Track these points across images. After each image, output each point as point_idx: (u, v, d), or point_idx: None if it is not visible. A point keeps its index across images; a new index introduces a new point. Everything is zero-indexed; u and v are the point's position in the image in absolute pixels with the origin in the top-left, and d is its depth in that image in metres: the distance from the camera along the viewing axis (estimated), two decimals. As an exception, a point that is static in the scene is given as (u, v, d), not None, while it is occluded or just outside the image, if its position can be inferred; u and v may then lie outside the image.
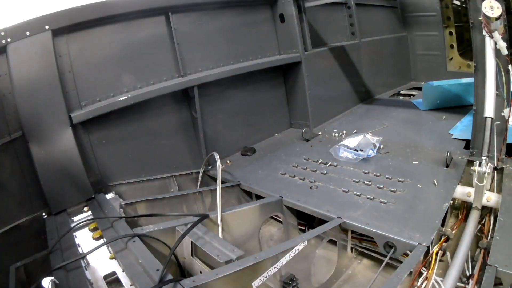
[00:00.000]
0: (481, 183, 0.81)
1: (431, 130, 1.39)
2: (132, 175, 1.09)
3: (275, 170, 1.16)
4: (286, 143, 1.41)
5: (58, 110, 0.93)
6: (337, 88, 1.71)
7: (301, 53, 1.47)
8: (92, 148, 1.03)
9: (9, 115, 0.89)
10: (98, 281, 0.73)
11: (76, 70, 0.97)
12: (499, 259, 0.63)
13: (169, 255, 0.63)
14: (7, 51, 0.85)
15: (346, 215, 0.84)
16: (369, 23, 1.62)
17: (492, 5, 0.78)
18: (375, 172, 1.05)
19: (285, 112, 1.62)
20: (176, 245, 0.69)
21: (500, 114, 0.92)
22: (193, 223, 0.80)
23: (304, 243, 0.72)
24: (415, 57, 2.19)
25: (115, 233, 0.79)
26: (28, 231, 0.91)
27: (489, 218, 0.84)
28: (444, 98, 1.56)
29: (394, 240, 0.74)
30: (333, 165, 1.14)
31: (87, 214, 0.93)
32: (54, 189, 0.94)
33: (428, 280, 0.66)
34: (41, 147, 0.91)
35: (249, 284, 0.63)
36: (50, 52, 0.90)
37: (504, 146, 0.95)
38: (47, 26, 0.89)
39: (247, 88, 1.42)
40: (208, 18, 1.26)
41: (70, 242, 0.81)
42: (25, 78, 0.88)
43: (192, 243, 0.86)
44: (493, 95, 0.90)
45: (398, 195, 0.92)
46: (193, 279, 0.59)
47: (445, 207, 0.83)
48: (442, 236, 0.77)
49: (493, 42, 0.87)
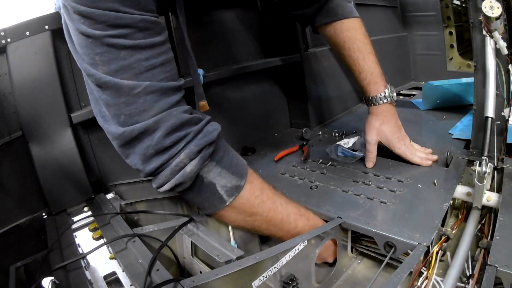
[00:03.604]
0: (481, 183, 0.81)
1: (431, 130, 1.39)
2: (132, 175, 1.08)
3: (275, 169, 1.16)
4: (286, 143, 1.41)
5: (58, 110, 0.93)
6: (337, 88, 1.71)
7: (301, 53, 1.47)
8: (92, 148, 1.03)
9: (9, 115, 0.89)
10: (98, 281, 0.73)
11: (76, 70, 0.96)
12: (499, 259, 0.63)
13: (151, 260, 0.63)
14: (7, 51, 0.85)
15: (346, 215, 0.84)
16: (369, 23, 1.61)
17: (492, 5, 0.78)
18: (375, 172, 1.05)
19: (285, 112, 1.62)
20: (158, 250, 0.70)
21: (500, 114, 0.92)
22: (177, 227, 0.81)
23: (304, 243, 0.72)
24: (415, 57, 2.19)
25: (115, 233, 0.79)
26: (28, 231, 0.91)
27: (489, 218, 0.84)
28: (444, 98, 1.56)
29: (394, 240, 0.74)
30: (333, 165, 1.14)
31: (87, 214, 0.93)
32: (54, 189, 0.94)
33: (428, 280, 0.65)
34: (41, 147, 0.91)
35: (249, 284, 0.63)
36: (50, 52, 0.90)
37: (504, 146, 0.95)
38: (47, 26, 0.89)
39: (247, 88, 1.43)
40: (208, 18, 1.26)
41: (70, 242, 0.81)
42: (25, 78, 0.87)
43: (192, 243, 0.86)
44: (493, 95, 0.90)
45: (398, 195, 0.92)
46: (193, 279, 0.59)
47: (445, 207, 0.83)
48: (442, 236, 0.77)
49: (493, 42, 0.87)
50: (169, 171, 0.64)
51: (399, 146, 1.07)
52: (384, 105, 1.09)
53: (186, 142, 0.65)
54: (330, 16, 1.11)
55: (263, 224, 0.77)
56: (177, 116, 0.65)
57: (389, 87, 1.09)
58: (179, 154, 0.65)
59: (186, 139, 0.65)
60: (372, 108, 1.11)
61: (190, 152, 0.65)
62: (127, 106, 0.61)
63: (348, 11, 1.11)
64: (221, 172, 0.71)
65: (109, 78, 0.59)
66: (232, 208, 0.73)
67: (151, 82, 0.62)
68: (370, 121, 1.11)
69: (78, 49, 0.62)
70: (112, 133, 0.63)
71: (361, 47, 1.10)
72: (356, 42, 1.10)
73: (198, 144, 0.66)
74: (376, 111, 1.10)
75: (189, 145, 0.66)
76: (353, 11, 1.13)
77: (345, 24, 1.11)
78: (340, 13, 1.10)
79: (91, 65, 0.60)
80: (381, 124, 1.08)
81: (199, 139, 0.67)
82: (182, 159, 0.65)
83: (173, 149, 0.64)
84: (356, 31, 1.11)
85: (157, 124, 0.62)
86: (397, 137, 1.07)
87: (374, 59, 1.11)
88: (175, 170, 0.64)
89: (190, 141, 0.66)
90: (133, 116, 0.61)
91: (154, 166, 0.64)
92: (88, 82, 0.64)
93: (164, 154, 0.64)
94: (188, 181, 0.67)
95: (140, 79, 0.61)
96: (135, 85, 0.60)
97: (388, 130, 1.08)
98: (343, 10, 1.11)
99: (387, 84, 1.10)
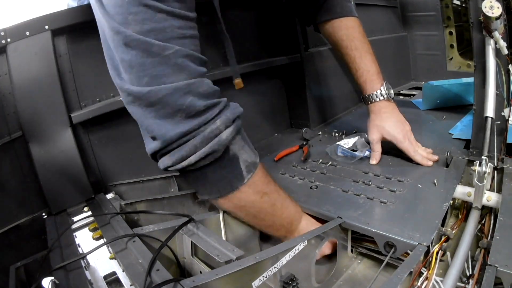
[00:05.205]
0: (481, 183, 0.81)
1: (431, 130, 1.39)
2: (132, 175, 1.08)
3: (275, 169, 1.16)
4: (286, 143, 1.40)
5: (58, 110, 0.92)
6: (337, 88, 1.71)
7: (301, 53, 1.47)
8: (92, 148, 1.03)
9: (9, 115, 0.88)
10: (98, 281, 0.73)
11: (76, 70, 0.96)
12: (499, 259, 0.63)
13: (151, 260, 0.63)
14: (7, 51, 0.85)
15: (346, 215, 0.84)
16: (369, 23, 1.61)
17: (492, 5, 0.78)
18: (375, 172, 1.05)
19: (285, 112, 1.62)
20: (158, 250, 0.69)
21: (500, 114, 0.92)
22: (177, 227, 0.80)
23: (304, 243, 0.72)
24: (415, 57, 2.19)
25: (115, 233, 0.79)
26: (28, 231, 0.90)
27: (489, 218, 0.84)
28: (444, 98, 1.56)
29: (394, 240, 0.74)
30: (333, 165, 1.14)
31: (87, 214, 0.93)
32: (54, 189, 0.94)
33: (428, 280, 0.65)
34: (41, 147, 0.91)
35: (249, 284, 0.63)
36: (50, 52, 0.89)
37: (504, 146, 0.95)
38: (47, 26, 0.89)
39: (247, 88, 1.42)
40: (208, 19, 1.26)
41: (70, 242, 0.80)
42: (25, 78, 0.87)
43: (192, 243, 0.86)
44: (493, 94, 0.90)
45: (398, 195, 0.92)
46: (193, 279, 0.59)
47: (445, 207, 0.83)
48: (442, 236, 0.77)
49: (493, 42, 0.87)
50: (200, 139, 0.61)
51: (403, 141, 1.07)
52: (381, 102, 1.09)
53: (220, 109, 0.64)
54: (329, 14, 1.13)
55: (269, 207, 0.77)
56: (209, 85, 0.64)
57: (385, 85, 1.09)
58: (214, 119, 0.62)
59: (219, 106, 0.64)
60: (371, 106, 1.12)
61: (227, 119, 0.64)
62: (154, 67, 0.58)
63: (347, 10, 1.13)
64: (244, 146, 0.70)
65: (140, 37, 0.57)
66: (247, 187, 0.71)
67: (182, 48, 0.61)
68: (371, 119, 1.12)
69: (110, 9, 0.60)
70: (134, 92, 0.59)
71: (358, 46, 1.11)
72: (354, 41, 1.11)
73: (233, 113, 0.66)
74: (375, 109, 1.11)
75: (224, 112, 0.65)
76: (352, 11, 1.14)
77: (343, 23, 1.12)
78: (338, 12, 1.12)
79: (122, 24, 0.58)
80: (381, 121, 1.09)
81: (233, 108, 0.67)
82: (218, 126, 0.62)
83: (207, 114, 0.62)
84: (354, 30, 1.12)
85: (190, 87, 0.60)
86: (401, 131, 1.07)
87: (371, 57, 1.11)
88: (209, 137, 0.61)
89: (223, 109, 0.65)
90: (160, 77, 0.59)
91: (182, 131, 0.60)
92: (111, 45, 0.62)
93: (197, 118, 0.61)
94: (221, 149, 0.64)
95: (172, 43, 0.60)
96: (167, 47, 0.58)
97: (390, 126, 1.08)
98: (342, 9, 1.12)
99: (384, 81, 1.10)
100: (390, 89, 1.10)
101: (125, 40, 0.59)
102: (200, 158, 0.62)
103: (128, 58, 0.59)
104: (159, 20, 0.59)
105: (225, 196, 0.73)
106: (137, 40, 0.58)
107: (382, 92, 1.09)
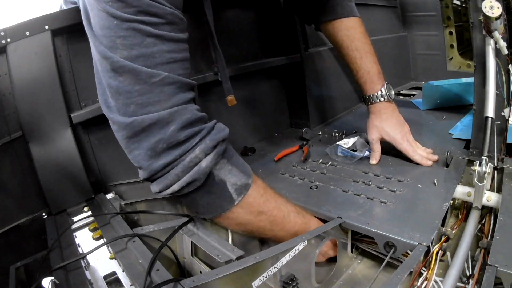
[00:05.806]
0: (481, 183, 0.81)
1: (431, 130, 1.39)
2: (132, 175, 1.08)
3: (275, 169, 1.16)
4: (286, 143, 1.40)
5: (58, 110, 0.92)
6: (337, 87, 1.71)
7: (301, 53, 1.47)
8: (92, 148, 1.03)
9: (9, 115, 0.88)
10: (98, 281, 0.73)
11: (76, 70, 0.96)
12: (499, 259, 0.63)
13: (151, 260, 0.63)
14: (7, 51, 0.85)
15: (346, 215, 0.84)
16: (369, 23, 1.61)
17: (492, 5, 0.78)
18: (375, 172, 1.05)
19: (285, 112, 1.62)
20: (158, 250, 0.69)
21: (500, 114, 0.92)
22: (177, 227, 0.80)
23: (304, 243, 0.72)
24: (415, 57, 2.19)
25: (115, 233, 0.79)
26: (28, 231, 0.90)
27: (489, 218, 0.84)
28: (444, 98, 1.56)
29: (394, 240, 0.74)
30: (333, 165, 1.14)
31: (87, 214, 0.93)
32: (54, 189, 0.94)
33: (428, 280, 0.65)
34: (41, 147, 0.91)
35: (249, 284, 0.63)
36: (50, 52, 0.89)
37: (504, 146, 0.95)
38: (47, 26, 0.89)
39: (247, 88, 1.42)
40: (207, 19, 1.26)
41: (70, 242, 0.80)
42: (25, 78, 0.87)
43: (192, 243, 0.86)
44: (493, 94, 0.90)
45: (398, 195, 0.92)
46: (193, 279, 0.59)
47: (445, 207, 0.83)
48: (442, 236, 0.77)
49: (493, 42, 0.87)
50: (181, 168, 0.61)
51: (401, 142, 1.07)
52: (381, 103, 1.10)
53: (201, 137, 0.64)
54: (330, 14, 1.13)
55: (267, 224, 0.77)
56: (193, 112, 0.64)
57: (385, 86, 1.10)
58: (193, 149, 0.63)
59: (200, 134, 0.64)
60: (371, 107, 1.12)
61: (206, 147, 0.64)
62: (140, 95, 0.58)
63: (348, 11, 1.12)
64: (232, 169, 0.70)
65: (128, 63, 0.57)
66: (240, 208, 0.72)
67: (170, 74, 0.61)
68: (371, 120, 1.12)
69: (97, 31, 0.60)
70: (119, 122, 0.60)
71: (359, 46, 1.11)
72: (354, 41, 1.11)
73: (214, 139, 0.65)
74: (375, 109, 1.11)
75: (204, 140, 0.64)
76: (353, 11, 1.14)
77: (344, 23, 1.12)
78: (339, 12, 1.12)
79: (110, 48, 0.58)
80: (381, 122, 1.09)
81: (214, 134, 0.66)
82: (197, 154, 0.62)
83: (187, 143, 0.62)
84: (355, 30, 1.12)
85: (172, 116, 0.60)
86: (399, 132, 1.08)
87: (372, 58, 1.11)
88: (188, 166, 0.62)
89: (204, 136, 0.65)
90: (145, 106, 0.59)
91: (164, 163, 0.61)
92: (99, 68, 0.62)
93: (177, 149, 0.61)
94: (202, 177, 0.64)
95: (160, 69, 0.60)
96: (154, 74, 0.59)
97: (389, 126, 1.08)
98: (343, 9, 1.12)
99: (385, 82, 1.10)
100: (390, 90, 1.10)
101: (113, 66, 0.59)
102: (182, 186, 0.63)
103: (116, 84, 0.59)
104: (148, 45, 0.58)
105: (219, 216, 0.73)
106: (125, 66, 0.58)
107: (383, 93, 1.09)
